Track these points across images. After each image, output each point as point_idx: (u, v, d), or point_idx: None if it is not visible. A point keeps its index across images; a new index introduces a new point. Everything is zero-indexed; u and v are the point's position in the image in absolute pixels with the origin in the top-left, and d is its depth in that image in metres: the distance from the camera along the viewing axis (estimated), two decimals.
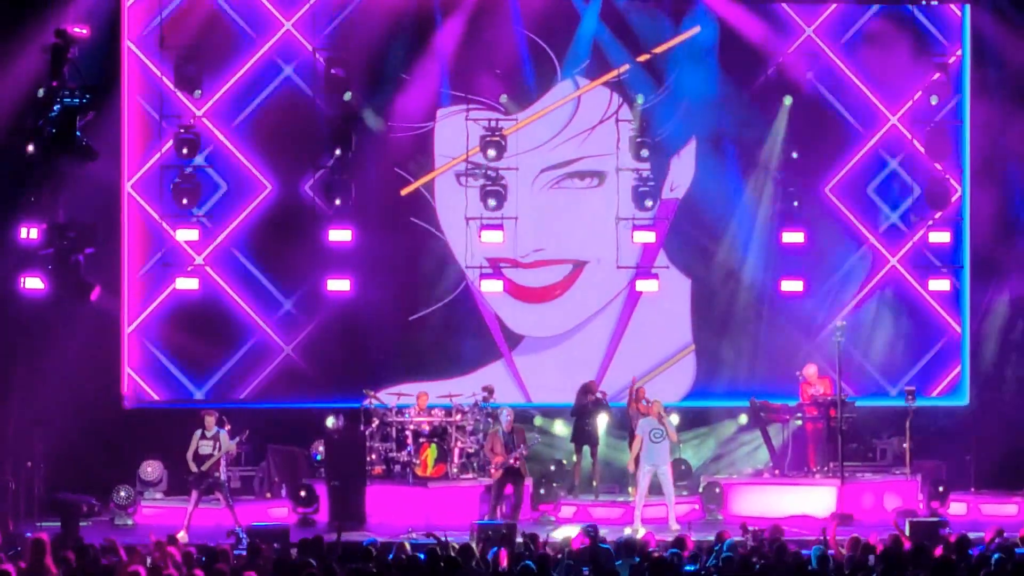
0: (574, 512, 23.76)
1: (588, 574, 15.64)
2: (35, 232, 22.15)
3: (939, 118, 25.93)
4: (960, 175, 26.39)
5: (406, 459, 23.92)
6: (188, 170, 24.75)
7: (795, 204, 25.55)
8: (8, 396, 23.63)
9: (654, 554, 15.79)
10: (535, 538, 17.23)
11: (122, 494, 23.94)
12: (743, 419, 26.11)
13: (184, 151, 24.60)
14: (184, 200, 24.70)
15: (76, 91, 21.14)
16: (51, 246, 22.22)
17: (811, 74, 25.89)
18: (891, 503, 23.85)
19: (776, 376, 25.79)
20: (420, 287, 26.43)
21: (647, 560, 15.36)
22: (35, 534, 14.97)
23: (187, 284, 25.06)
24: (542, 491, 24.10)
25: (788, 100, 25.83)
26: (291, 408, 25.68)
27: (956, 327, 26.74)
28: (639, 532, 19.96)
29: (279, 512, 23.98)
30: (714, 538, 17.28)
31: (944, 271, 26.23)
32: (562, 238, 26.66)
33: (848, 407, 24.21)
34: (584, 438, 24.47)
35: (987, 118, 26.04)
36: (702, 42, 26.15)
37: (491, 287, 25.80)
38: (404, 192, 26.42)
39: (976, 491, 25.11)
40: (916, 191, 26.23)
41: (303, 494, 23.89)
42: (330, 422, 24.84)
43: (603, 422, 24.51)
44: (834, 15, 26.41)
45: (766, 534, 17.44)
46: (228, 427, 22.28)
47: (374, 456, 24.06)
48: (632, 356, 26.35)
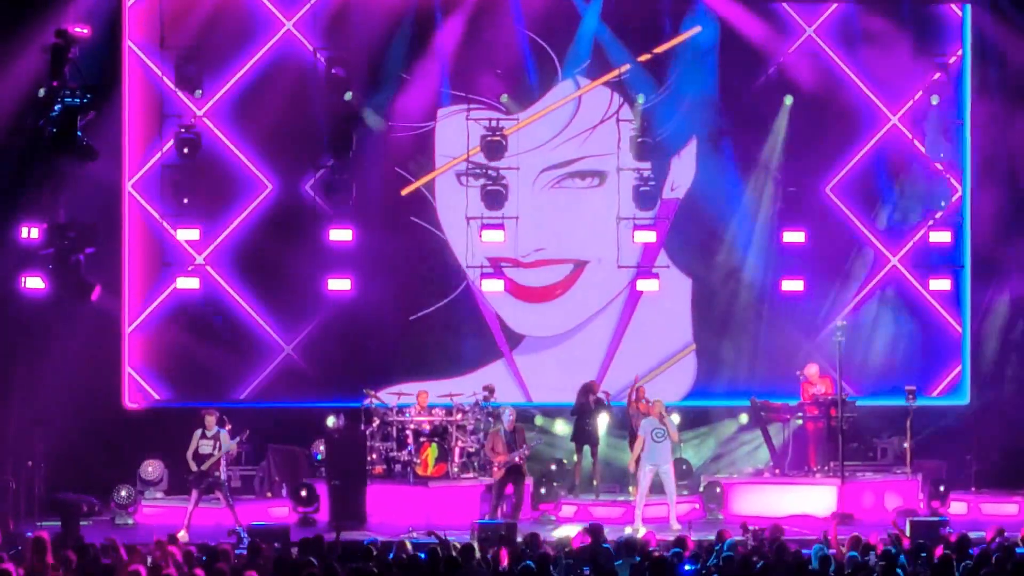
0: (575, 511, 23.75)
1: (588, 574, 15.65)
2: (36, 232, 22.18)
3: (939, 118, 25.92)
4: (961, 175, 26.39)
5: (407, 458, 23.92)
6: (188, 170, 24.76)
7: (796, 201, 25.61)
8: (8, 396, 23.63)
9: (655, 553, 15.79)
10: (536, 538, 17.23)
11: (122, 493, 23.93)
12: (744, 418, 26.11)
13: (185, 151, 24.63)
14: (185, 200, 24.71)
15: (77, 91, 21.13)
16: (51, 246, 22.22)
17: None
18: (892, 503, 23.84)
19: (776, 376, 25.77)
20: (420, 287, 26.42)
21: (648, 559, 15.37)
22: (36, 533, 14.97)
23: (187, 284, 25.09)
24: (543, 490, 24.09)
25: (789, 100, 25.86)
26: (291, 408, 25.66)
27: (957, 327, 26.73)
28: (640, 531, 19.96)
29: (279, 511, 23.96)
30: (715, 538, 17.29)
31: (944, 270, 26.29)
32: (563, 238, 26.65)
33: (848, 407, 24.22)
34: (584, 438, 24.46)
35: (988, 118, 26.05)
36: (703, 42, 26.13)
37: (492, 287, 25.80)
38: (405, 192, 26.42)
39: (976, 491, 25.08)
40: (916, 191, 26.23)
41: (303, 493, 23.87)
42: (330, 421, 24.83)
43: (603, 422, 24.50)
44: (834, 15, 26.39)
45: (766, 534, 17.45)
46: (228, 426, 22.28)
47: (375, 455, 24.05)
48: (633, 356, 26.35)
